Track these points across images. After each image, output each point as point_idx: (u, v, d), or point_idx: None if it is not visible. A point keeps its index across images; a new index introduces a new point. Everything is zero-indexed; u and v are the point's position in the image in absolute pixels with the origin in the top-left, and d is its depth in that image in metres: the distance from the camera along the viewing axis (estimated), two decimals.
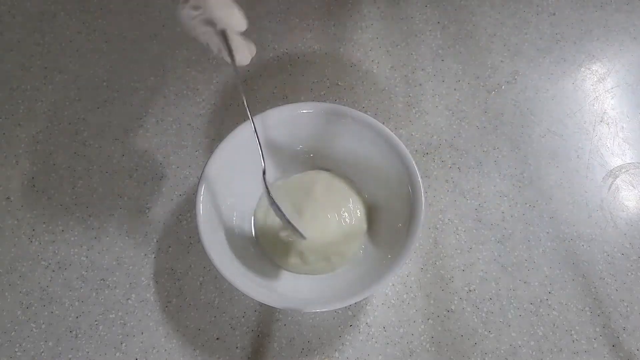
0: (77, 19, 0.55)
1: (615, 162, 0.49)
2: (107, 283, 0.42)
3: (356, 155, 0.43)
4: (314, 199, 0.43)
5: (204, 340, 0.41)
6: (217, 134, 0.49)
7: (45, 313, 0.41)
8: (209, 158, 0.39)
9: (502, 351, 0.41)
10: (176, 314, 0.41)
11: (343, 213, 0.42)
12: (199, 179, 0.38)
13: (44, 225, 0.45)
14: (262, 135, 0.42)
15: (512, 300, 0.43)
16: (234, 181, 0.41)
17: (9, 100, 0.50)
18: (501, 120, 0.51)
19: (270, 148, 0.43)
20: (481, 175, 0.48)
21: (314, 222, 0.42)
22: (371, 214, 0.43)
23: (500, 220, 0.46)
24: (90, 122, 0.49)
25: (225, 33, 0.34)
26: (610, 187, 0.48)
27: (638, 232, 0.46)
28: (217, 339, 0.41)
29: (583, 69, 0.54)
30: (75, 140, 0.48)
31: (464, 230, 0.45)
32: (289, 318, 0.42)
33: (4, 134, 0.49)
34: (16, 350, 0.40)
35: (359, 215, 0.42)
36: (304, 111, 0.42)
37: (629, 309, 0.42)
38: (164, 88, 0.51)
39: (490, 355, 0.40)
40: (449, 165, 0.48)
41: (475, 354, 0.40)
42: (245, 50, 0.35)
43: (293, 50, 0.54)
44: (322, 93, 0.51)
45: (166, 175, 0.47)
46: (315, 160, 0.45)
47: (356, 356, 0.40)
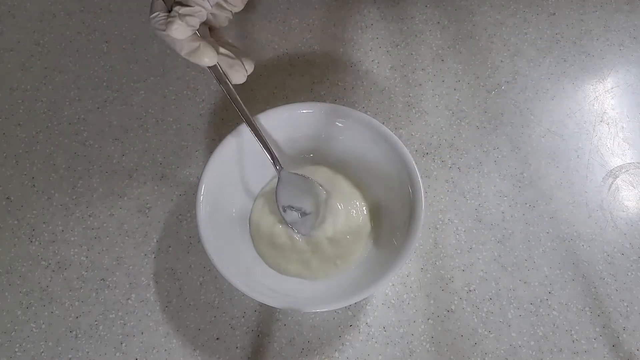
0: (77, 19, 0.55)
1: (615, 162, 0.49)
2: (107, 283, 0.42)
3: (356, 155, 0.43)
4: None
5: (204, 340, 0.41)
6: (217, 134, 0.49)
7: (45, 313, 0.41)
8: (210, 158, 0.39)
9: (502, 351, 0.41)
10: (176, 314, 0.41)
11: (349, 208, 0.42)
12: (199, 179, 0.38)
13: (44, 225, 0.45)
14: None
15: (512, 300, 0.43)
16: (234, 181, 0.41)
17: (9, 100, 0.50)
18: (501, 120, 0.51)
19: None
20: (481, 175, 0.48)
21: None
22: (372, 213, 0.43)
23: (500, 220, 0.46)
24: (90, 122, 0.49)
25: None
26: (610, 187, 0.48)
27: (638, 232, 0.46)
28: (217, 339, 0.41)
29: (583, 69, 0.54)
30: (75, 140, 0.48)
31: (464, 230, 0.45)
32: (289, 318, 0.42)
33: (4, 134, 0.49)
34: (16, 350, 0.40)
35: (364, 213, 0.42)
36: (304, 111, 0.42)
37: (629, 309, 0.43)
38: (164, 88, 0.51)
39: (490, 355, 0.40)
40: (449, 165, 0.48)
41: (475, 354, 0.40)
42: (240, 69, 0.35)
43: (293, 50, 0.54)
44: (322, 93, 0.51)
45: (166, 175, 0.47)
46: (315, 160, 0.45)
47: (356, 356, 0.40)
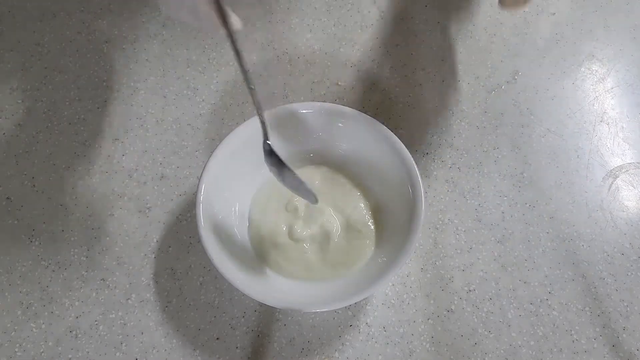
0: (77, 19, 0.55)
1: (615, 162, 0.49)
2: (107, 283, 0.42)
3: (356, 155, 0.43)
4: (317, 191, 0.42)
5: (204, 340, 0.41)
6: (217, 134, 0.49)
7: (45, 313, 0.41)
8: (209, 158, 0.39)
9: (502, 351, 0.41)
10: (176, 314, 0.41)
11: (349, 209, 0.42)
12: (199, 179, 0.38)
13: (44, 225, 0.45)
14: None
15: (512, 300, 0.43)
16: (234, 181, 0.41)
17: (8, 100, 0.50)
18: (501, 120, 0.51)
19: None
20: (481, 175, 0.48)
21: (320, 215, 0.41)
22: (372, 214, 0.43)
23: (500, 220, 0.46)
24: (90, 122, 0.49)
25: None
26: (610, 187, 0.48)
27: (638, 232, 0.46)
28: (217, 339, 0.41)
29: (583, 69, 0.54)
30: (75, 140, 0.48)
31: (464, 230, 0.45)
32: (289, 318, 0.42)
33: (4, 134, 0.49)
34: (16, 350, 0.40)
35: (364, 214, 0.42)
36: (304, 111, 0.42)
37: (629, 309, 0.43)
38: (164, 88, 0.51)
39: (490, 355, 0.40)
40: (449, 165, 0.48)
41: (475, 354, 0.40)
42: (234, 16, 0.34)
43: (293, 50, 0.54)
44: (322, 93, 0.51)
45: (166, 175, 0.47)
46: (315, 160, 0.45)
47: (356, 356, 0.40)
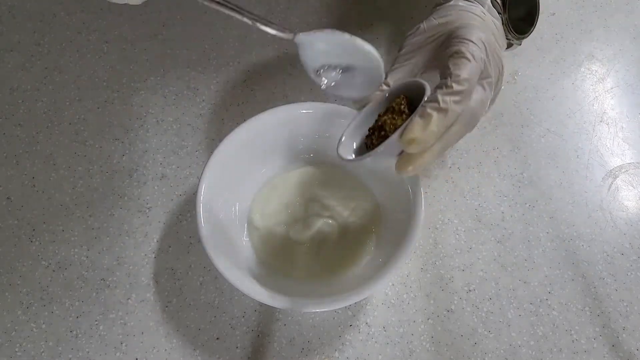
0: (77, 19, 0.55)
1: (615, 162, 0.49)
2: (107, 283, 0.42)
3: None
4: (317, 191, 0.42)
5: (204, 340, 0.41)
6: (217, 134, 0.49)
7: (45, 313, 0.41)
8: (209, 158, 0.39)
9: (502, 351, 0.41)
10: (176, 314, 0.41)
11: (349, 210, 0.42)
12: (199, 179, 0.38)
13: (44, 225, 0.45)
14: (262, 136, 0.42)
15: (512, 300, 0.43)
16: (234, 181, 0.41)
17: (9, 100, 0.50)
18: (501, 120, 0.51)
19: (270, 148, 0.43)
20: (481, 175, 0.48)
21: (322, 214, 0.41)
22: (372, 214, 0.43)
23: (500, 220, 0.46)
24: (90, 122, 0.49)
25: None
26: (610, 187, 0.48)
27: (638, 232, 0.46)
28: (217, 339, 0.41)
29: (583, 69, 0.54)
30: (75, 140, 0.48)
31: (464, 230, 0.45)
32: (289, 318, 0.42)
33: (4, 134, 0.49)
34: (16, 350, 0.40)
35: (364, 214, 0.42)
36: (304, 111, 0.42)
37: (629, 309, 0.42)
38: (164, 88, 0.51)
39: (490, 355, 0.40)
40: (449, 165, 0.48)
41: (475, 354, 0.40)
42: None
43: (293, 51, 0.53)
44: (322, 93, 0.51)
45: (166, 175, 0.47)
46: (315, 160, 0.45)
47: (356, 356, 0.40)
